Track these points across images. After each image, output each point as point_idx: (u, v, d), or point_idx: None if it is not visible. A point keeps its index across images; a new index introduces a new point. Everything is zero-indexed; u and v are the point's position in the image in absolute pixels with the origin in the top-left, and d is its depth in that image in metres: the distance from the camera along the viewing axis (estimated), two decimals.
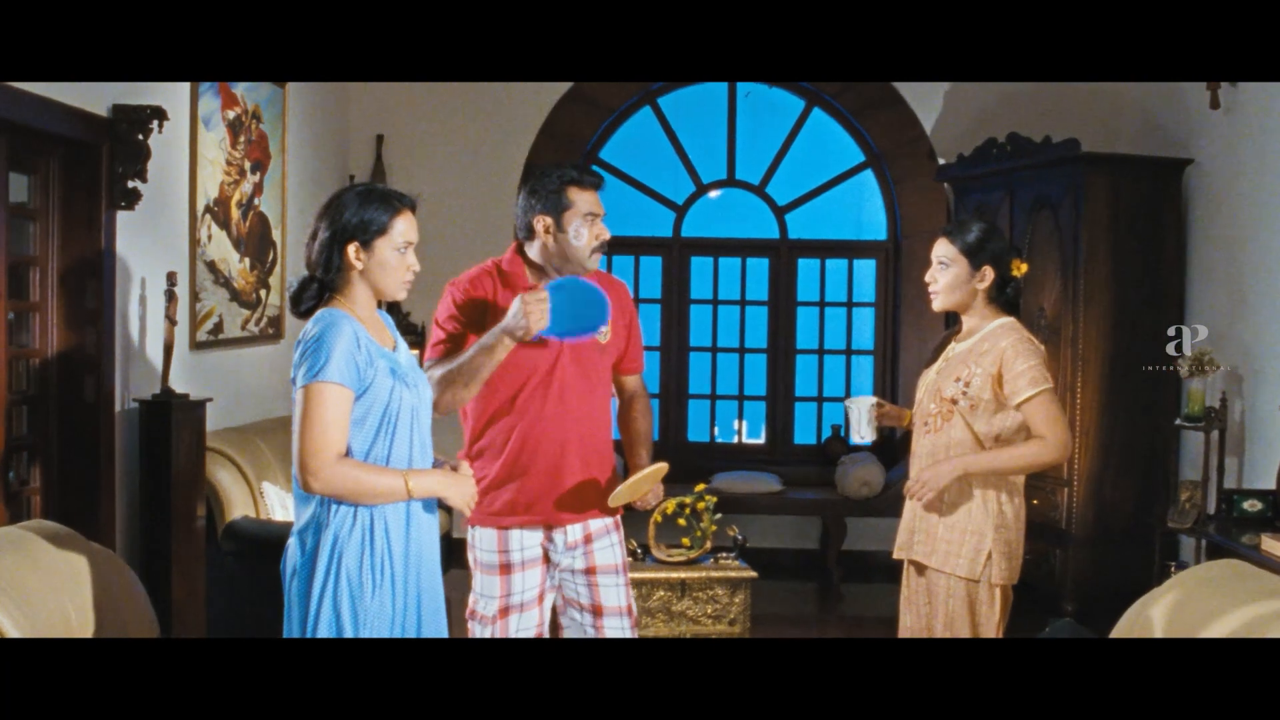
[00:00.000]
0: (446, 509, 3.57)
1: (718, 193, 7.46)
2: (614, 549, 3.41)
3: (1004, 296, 3.40)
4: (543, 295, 3.03)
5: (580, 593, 3.38)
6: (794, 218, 7.41)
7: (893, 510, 5.94)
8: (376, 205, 2.76)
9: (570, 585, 3.38)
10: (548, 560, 3.36)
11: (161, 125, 4.42)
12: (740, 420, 7.60)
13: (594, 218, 3.28)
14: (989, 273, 3.36)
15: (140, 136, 4.36)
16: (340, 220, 2.75)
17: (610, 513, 3.40)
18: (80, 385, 4.30)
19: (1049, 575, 5.91)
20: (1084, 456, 5.81)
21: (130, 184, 4.36)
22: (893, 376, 7.27)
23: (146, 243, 4.65)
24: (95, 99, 4.25)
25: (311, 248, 2.79)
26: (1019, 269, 3.40)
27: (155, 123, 4.39)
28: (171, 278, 4.59)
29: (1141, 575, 5.45)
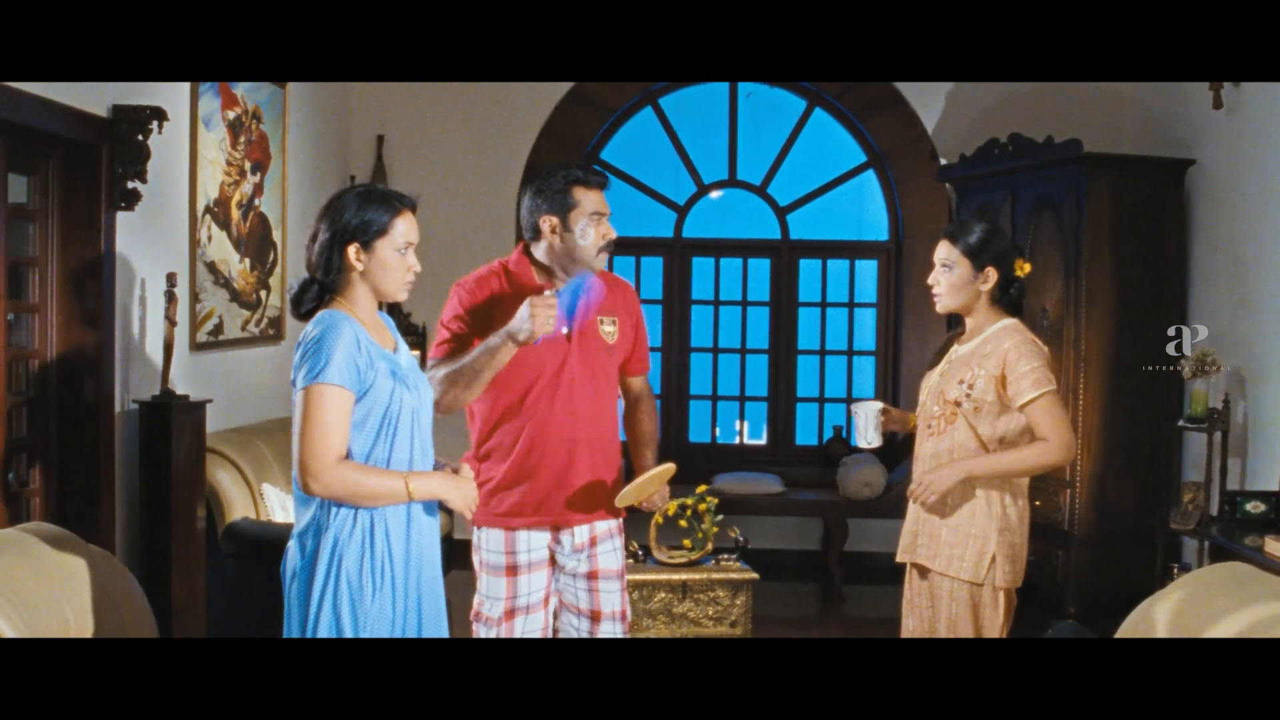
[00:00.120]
0: (447, 511, 3.56)
1: (719, 193, 7.45)
2: (616, 553, 3.40)
3: (1007, 298, 3.39)
4: (551, 300, 3.01)
5: (580, 597, 3.36)
6: (795, 218, 7.40)
7: (894, 511, 5.94)
8: (377, 206, 2.75)
9: (570, 590, 3.37)
10: (553, 563, 3.35)
11: (161, 126, 4.41)
12: (741, 421, 7.59)
13: (600, 217, 3.26)
14: (992, 274, 3.35)
15: (140, 137, 4.35)
16: (340, 221, 2.74)
17: (616, 514, 3.39)
18: (80, 386, 4.29)
19: (1051, 576, 5.90)
20: (1086, 457, 5.80)
21: (130, 185, 4.35)
22: (894, 377, 7.26)
23: (146, 243, 4.64)
24: (95, 99, 4.24)
25: (312, 249, 2.78)
26: (1022, 269, 3.38)
27: (155, 123, 4.38)
28: (171, 278, 4.58)
29: (1144, 577, 5.44)
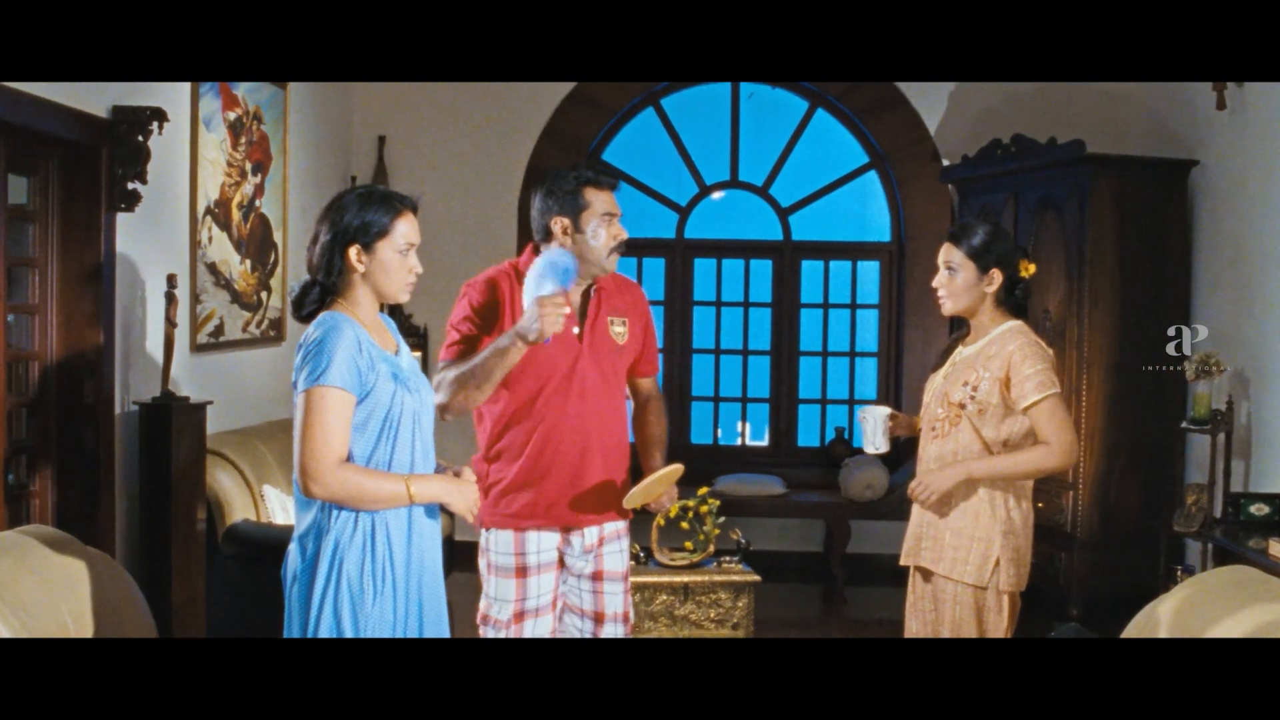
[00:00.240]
0: (448, 514, 3.55)
1: (721, 194, 7.44)
2: (622, 554, 3.40)
3: (1012, 299, 3.37)
4: (560, 300, 3.00)
5: (584, 599, 3.35)
6: (798, 219, 7.38)
7: (897, 513, 5.94)
8: (377, 207, 2.74)
9: (575, 591, 3.36)
10: (562, 565, 3.34)
11: (161, 126, 4.40)
12: (744, 423, 7.58)
13: (611, 218, 3.26)
14: (997, 276, 3.33)
15: (140, 138, 4.34)
16: (341, 223, 2.73)
17: (624, 515, 3.39)
18: (80, 388, 4.28)
19: (1054, 579, 5.88)
20: (1089, 459, 5.78)
21: (130, 186, 4.34)
22: (897, 378, 7.24)
23: (147, 245, 4.63)
24: (95, 100, 4.23)
25: (313, 251, 2.77)
26: (1027, 270, 3.37)
27: (155, 124, 4.36)
28: (172, 280, 4.57)
29: (1147, 579, 5.42)
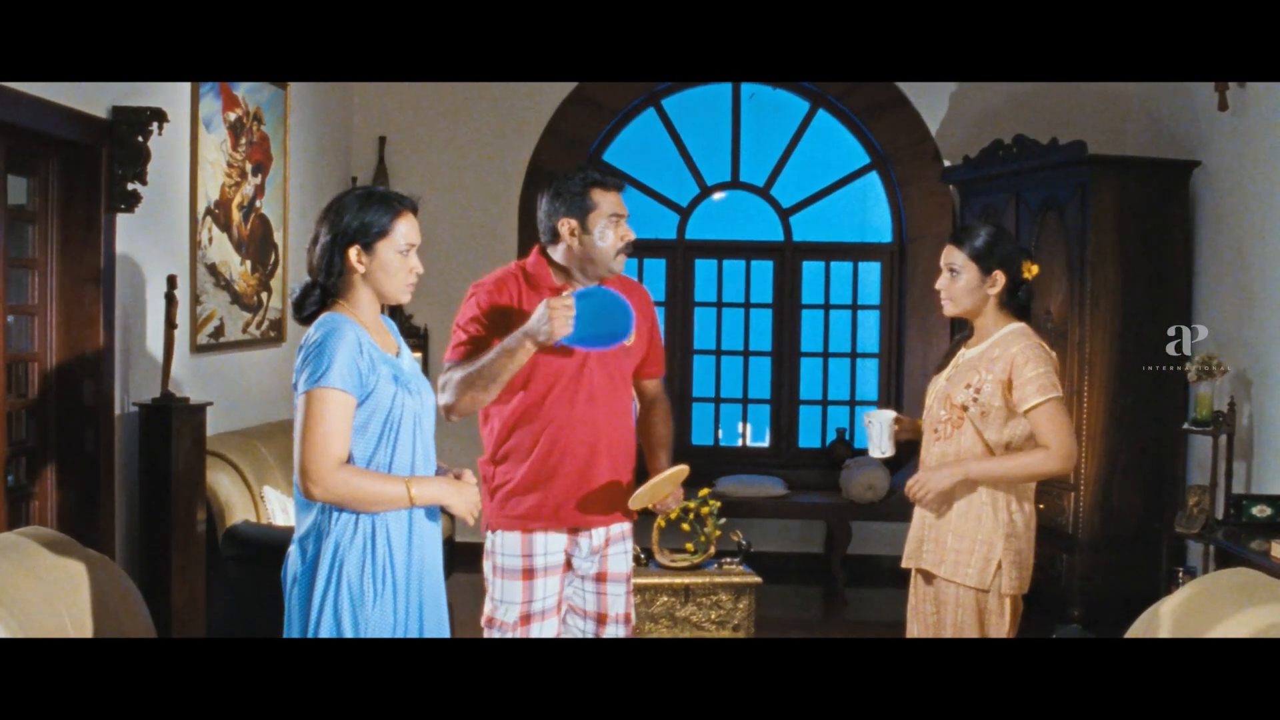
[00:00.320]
0: (448, 515, 3.53)
1: (722, 195, 7.43)
2: (626, 556, 3.40)
3: (1015, 301, 3.35)
4: (569, 301, 2.99)
5: (587, 599, 3.35)
6: (799, 220, 7.37)
7: (898, 514, 5.93)
8: (377, 207, 2.73)
9: (578, 592, 3.35)
10: (568, 567, 3.33)
11: (161, 127, 4.39)
12: (744, 423, 7.57)
13: (618, 219, 3.25)
14: (1000, 277, 3.31)
15: (140, 139, 4.33)
16: (341, 224, 2.72)
17: (630, 516, 3.39)
18: (80, 389, 4.27)
19: (1055, 580, 5.87)
20: (1091, 461, 5.77)
21: (130, 186, 4.33)
22: (898, 380, 7.23)
23: (146, 246, 4.62)
24: (95, 101, 4.22)
25: (313, 252, 2.77)
26: (1030, 271, 3.35)
27: (155, 124, 4.35)
28: (172, 281, 4.56)
29: (1149, 581, 5.42)
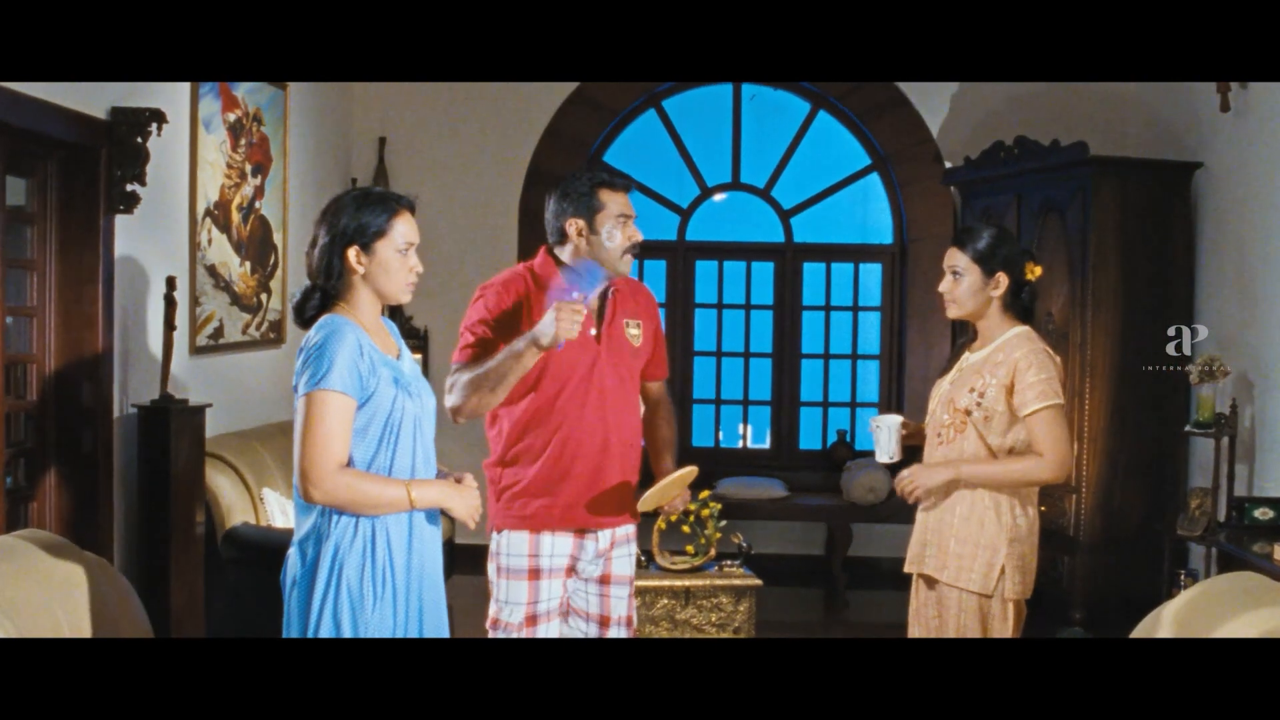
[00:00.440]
0: (448, 518, 3.52)
1: (722, 196, 7.42)
2: (630, 558, 3.40)
3: (1019, 303, 3.33)
4: (578, 305, 2.99)
5: (590, 601, 3.35)
6: (799, 221, 7.36)
7: (899, 516, 5.91)
8: (374, 207, 2.72)
9: (581, 595, 3.35)
10: (571, 573, 3.32)
11: (161, 128, 4.38)
12: (745, 425, 7.56)
13: (626, 219, 3.26)
14: (1003, 279, 3.30)
15: (139, 139, 4.32)
16: (339, 225, 2.71)
17: (636, 518, 3.38)
18: (79, 390, 4.26)
19: (1057, 583, 5.86)
20: (1092, 463, 5.76)
21: (129, 187, 4.32)
22: (899, 381, 7.22)
23: (146, 247, 4.61)
24: (94, 102, 4.21)
25: (312, 255, 2.76)
26: (1033, 273, 3.33)
27: (154, 125, 4.34)
28: (171, 282, 4.54)
29: (1150, 583, 5.40)
